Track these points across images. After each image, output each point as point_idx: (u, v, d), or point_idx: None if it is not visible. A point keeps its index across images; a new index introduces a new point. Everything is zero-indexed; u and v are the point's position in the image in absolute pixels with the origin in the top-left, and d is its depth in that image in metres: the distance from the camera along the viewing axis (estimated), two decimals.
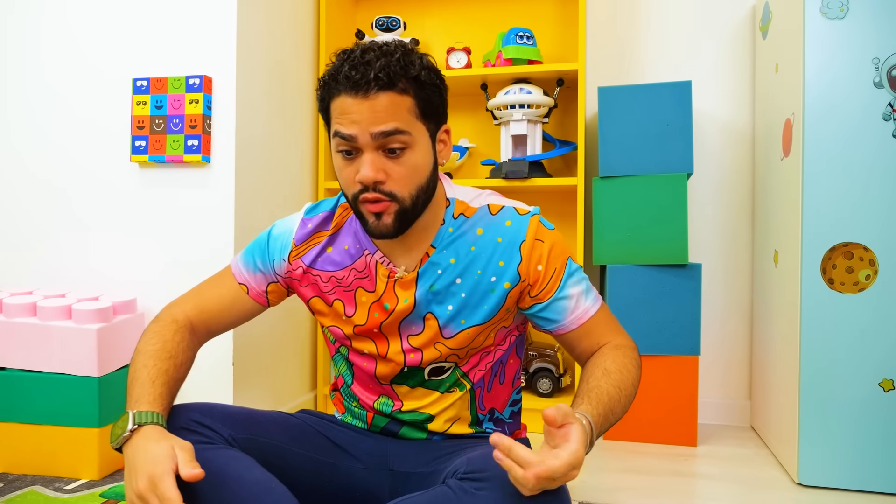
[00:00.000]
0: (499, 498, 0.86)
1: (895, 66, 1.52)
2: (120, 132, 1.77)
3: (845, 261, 1.55)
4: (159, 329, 1.07)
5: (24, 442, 1.60)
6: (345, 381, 1.21)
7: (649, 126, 1.91)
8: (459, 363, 1.12)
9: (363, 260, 1.09)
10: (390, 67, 0.95)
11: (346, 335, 1.12)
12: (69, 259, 1.81)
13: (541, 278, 1.07)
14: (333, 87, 0.97)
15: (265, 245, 1.16)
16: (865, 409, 1.53)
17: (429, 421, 1.13)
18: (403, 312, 1.08)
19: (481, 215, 1.09)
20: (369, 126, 0.95)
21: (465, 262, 1.07)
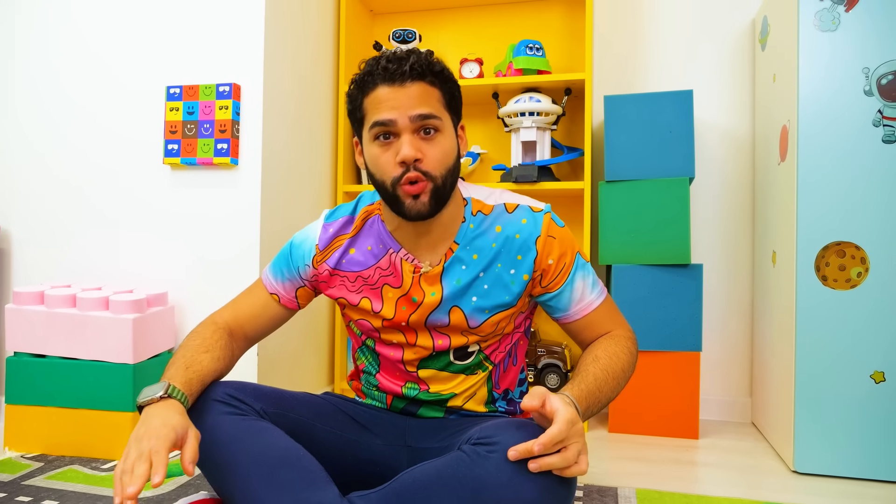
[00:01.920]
0: (508, 462, 0.94)
1: (884, 75, 1.61)
2: (153, 137, 1.89)
3: (838, 259, 1.63)
4: (200, 330, 1.19)
5: (63, 425, 1.70)
6: (369, 371, 1.29)
7: (653, 133, 2.01)
8: (483, 346, 1.22)
9: (387, 258, 1.19)
10: (420, 62, 1.08)
11: (374, 328, 1.22)
12: (103, 256, 1.93)
13: (551, 270, 1.17)
14: (370, 82, 1.09)
15: (288, 255, 1.26)
16: (858, 399, 1.61)
17: (450, 398, 1.23)
18: (431, 306, 1.17)
19: (498, 213, 1.19)
20: (407, 110, 1.06)
21: (488, 258, 1.17)
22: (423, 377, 1.23)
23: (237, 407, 1.10)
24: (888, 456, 1.59)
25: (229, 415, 1.07)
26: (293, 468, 1.04)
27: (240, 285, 1.79)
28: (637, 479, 1.59)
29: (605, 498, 1.44)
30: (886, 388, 1.60)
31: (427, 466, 1.03)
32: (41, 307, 1.73)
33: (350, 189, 2.25)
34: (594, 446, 1.87)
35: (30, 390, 1.72)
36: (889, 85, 1.61)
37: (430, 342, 1.20)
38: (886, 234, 1.60)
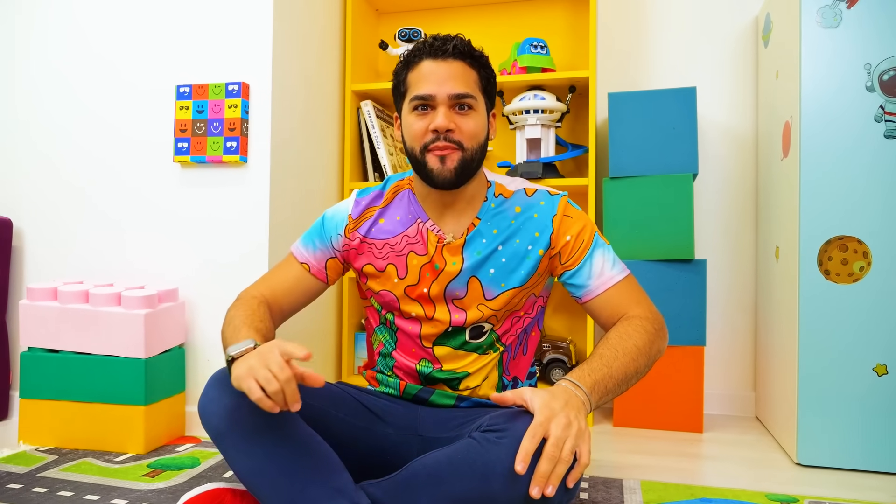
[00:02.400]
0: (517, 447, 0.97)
1: (886, 71, 1.63)
2: (163, 135, 1.91)
3: (840, 253, 1.65)
4: (242, 304, 1.23)
5: (76, 419, 1.73)
6: (386, 350, 1.33)
7: (656, 129, 2.03)
8: (496, 325, 1.26)
9: (415, 227, 1.26)
10: (463, 44, 1.19)
11: (395, 297, 1.27)
12: (113, 253, 1.95)
13: (570, 247, 1.22)
14: (416, 57, 1.21)
15: (321, 227, 1.33)
16: (860, 392, 1.63)
17: (465, 377, 1.26)
18: (451, 274, 1.23)
19: (518, 196, 1.27)
20: (446, 87, 1.16)
21: (506, 233, 1.24)
22: (437, 355, 1.27)
23: None
24: (890, 448, 1.61)
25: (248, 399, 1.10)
26: (311, 455, 1.07)
27: (248, 278, 1.81)
28: (642, 471, 1.61)
29: (610, 489, 1.46)
30: (889, 381, 1.61)
31: (438, 453, 1.05)
32: (54, 303, 1.76)
33: (356, 185, 2.27)
34: (600, 440, 1.89)
35: (43, 385, 1.75)
36: (891, 81, 1.62)
37: (447, 316, 1.25)
38: (888, 228, 1.62)
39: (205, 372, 1.88)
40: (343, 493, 1.04)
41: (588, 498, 1.40)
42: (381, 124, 2.32)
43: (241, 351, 1.03)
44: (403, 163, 2.37)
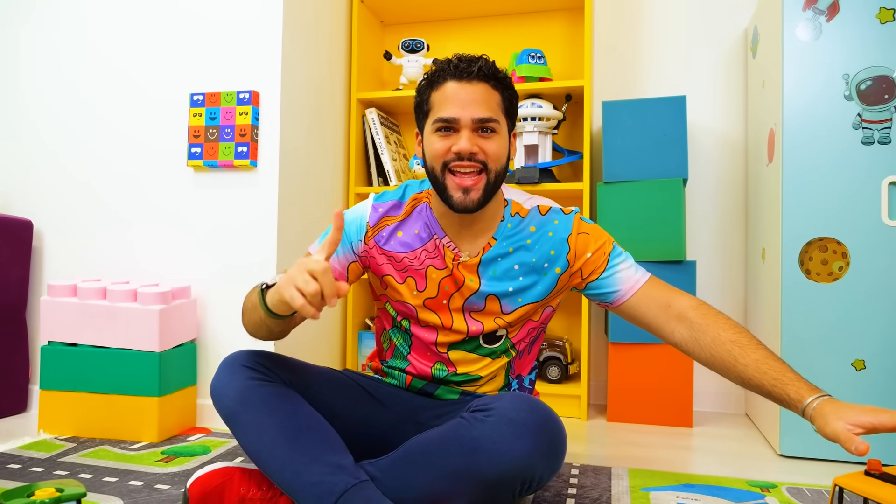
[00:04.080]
0: (502, 423, 1.06)
1: (863, 81, 1.71)
2: (176, 141, 2.02)
3: (821, 254, 1.73)
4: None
5: (94, 409, 1.82)
6: (400, 351, 1.39)
7: (648, 136, 2.12)
8: (510, 333, 1.33)
9: (433, 242, 1.30)
10: (488, 66, 1.21)
11: (414, 308, 1.31)
12: (129, 253, 2.05)
13: (591, 262, 1.28)
14: (440, 77, 1.21)
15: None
16: (839, 386, 1.71)
17: (476, 381, 1.33)
18: (471, 289, 1.28)
19: (533, 215, 1.32)
20: (470, 111, 1.18)
21: (522, 252, 1.29)
22: (452, 359, 1.33)
23: (265, 374, 1.20)
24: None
25: (258, 380, 1.18)
26: (315, 433, 1.15)
27: (257, 277, 1.91)
28: (631, 461, 1.69)
29: (598, 475, 1.54)
30: (866, 376, 1.69)
31: (430, 433, 1.14)
32: (74, 299, 1.86)
33: (361, 190, 2.37)
34: (593, 434, 1.97)
35: (63, 377, 1.84)
36: (868, 90, 1.71)
37: (464, 326, 1.30)
38: (866, 230, 1.70)
39: (215, 366, 1.97)
40: (344, 470, 1.12)
41: (577, 483, 1.48)
42: (385, 131, 2.42)
43: (275, 279, 1.08)
44: (406, 168, 2.47)
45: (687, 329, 1.20)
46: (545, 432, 1.07)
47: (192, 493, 1.17)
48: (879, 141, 1.70)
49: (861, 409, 0.95)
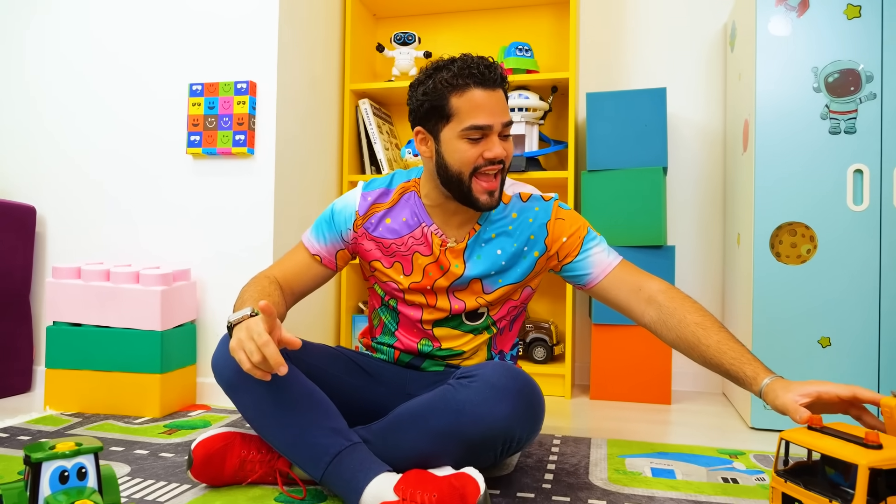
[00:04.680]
0: (485, 388, 1.15)
1: (831, 74, 1.81)
2: (176, 130, 2.09)
3: (790, 237, 1.83)
4: (255, 282, 1.35)
5: (98, 386, 1.90)
6: (388, 327, 1.47)
7: (631, 126, 2.21)
8: (492, 311, 1.41)
9: (420, 230, 1.38)
10: (502, 71, 1.27)
11: (400, 289, 1.40)
12: (130, 238, 2.13)
13: (566, 245, 1.36)
14: (463, 84, 1.24)
15: (330, 219, 1.42)
16: (806, 362, 1.81)
17: (459, 355, 1.42)
18: (456, 274, 1.36)
19: (515, 202, 1.40)
20: (500, 117, 1.25)
21: (504, 238, 1.37)
22: (437, 335, 1.42)
23: None
24: None
25: None
26: (310, 401, 1.24)
27: (255, 261, 1.99)
28: (610, 433, 1.79)
29: (578, 445, 1.64)
30: (831, 352, 1.79)
31: (419, 398, 1.23)
32: (78, 281, 1.93)
33: (354, 178, 2.45)
34: (576, 411, 2.06)
35: (67, 356, 1.92)
36: (835, 82, 1.80)
37: (447, 305, 1.39)
38: (832, 215, 1.79)
39: (214, 346, 2.05)
40: (339, 433, 1.22)
41: (558, 451, 1.58)
42: (378, 121, 2.50)
43: (238, 318, 1.13)
44: (397, 157, 2.55)
45: (656, 311, 1.28)
46: (524, 396, 1.16)
47: (197, 454, 1.26)
48: (845, 131, 1.79)
49: (807, 382, 1.05)
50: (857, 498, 0.88)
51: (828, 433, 0.98)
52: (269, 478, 1.31)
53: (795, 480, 0.98)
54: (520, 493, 1.29)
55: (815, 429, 1.00)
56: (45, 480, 0.94)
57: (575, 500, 1.26)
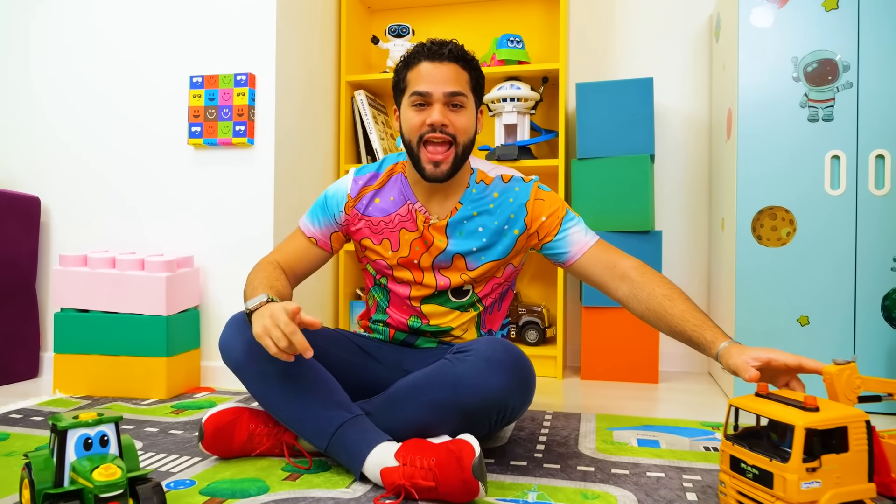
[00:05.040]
0: (480, 362, 1.22)
1: (809, 63, 1.88)
2: (177, 121, 2.15)
3: (771, 221, 1.91)
4: (261, 268, 1.43)
5: (105, 370, 1.97)
6: (381, 305, 1.55)
7: (619, 115, 2.28)
8: (476, 288, 1.48)
9: (406, 207, 1.45)
10: (457, 48, 1.36)
11: (389, 266, 1.47)
12: (133, 226, 2.19)
13: (546, 225, 1.43)
14: (415, 59, 1.37)
15: (324, 204, 1.51)
16: (786, 340, 1.89)
17: (448, 332, 1.49)
18: (439, 249, 1.43)
19: (497, 183, 1.46)
20: (441, 86, 1.33)
21: (486, 216, 1.44)
22: (425, 312, 1.49)
23: None
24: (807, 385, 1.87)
25: None
26: (314, 377, 1.31)
27: (256, 248, 2.06)
28: (599, 409, 1.87)
29: (569, 419, 1.72)
30: (810, 331, 1.88)
31: (417, 373, 1.31)
32: (85, 269, 2.00)
33: (350, 167, 2.51)
34: (567, 390, 2.14)
35: (75, 341, 1.99)
36: (814, 72, 1.88)
37: (433, 281, 1.46)
38: (810, 198, 1.87)
39: (217, 331, 2.12)
40: (342, 406, 1.29)
41: (549, 425, 1.66)
42: (373, 112, 2.56)
43: (255, 304, 1.23)
44: (393, 147, 2.61)
45: (628, 287, 1.35)
46: (516, 369, 1.23)
47: (207, 426, 1.33)
48: (823, 118, 1.87)
49: (760, 349, 1.13)
50: (793, 456, 0.95)
51: (773, 399, 1.05)
52: (276, 450, 1.38)
53: (742, 443, 1.04)
54: (513, 462, 1.37)
55: (762, 395, 1.07)
56: (71, 447, 1.00)
57: (565, 468, 1.34)
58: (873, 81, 1.84)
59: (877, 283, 1.84)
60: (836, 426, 0.97)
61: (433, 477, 1.13)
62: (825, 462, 0.96)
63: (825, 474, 0.97)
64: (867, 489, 0.99)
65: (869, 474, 0.99)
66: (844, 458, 0.98)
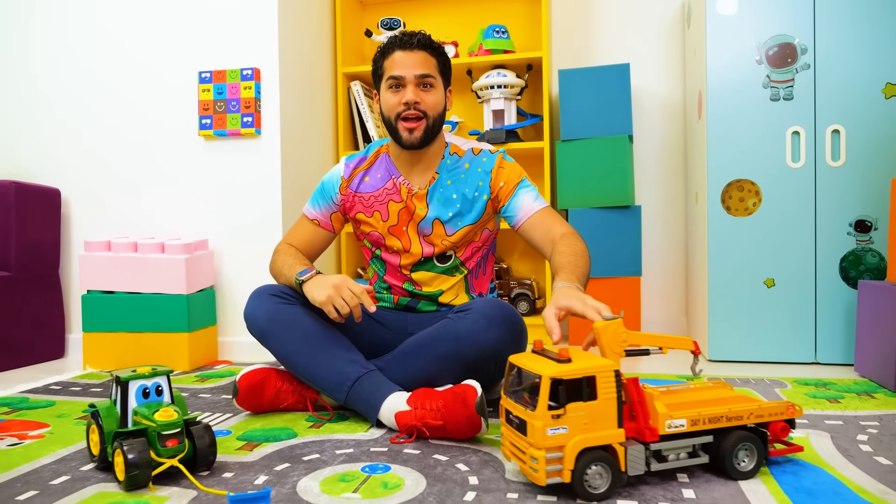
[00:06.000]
0: (479, 318, 1.40)
1: (771, 47, 2.06)
2: (188, 114, 2.30)
3: (738, 192, 2.09)
4: (284, 251, 1.64)
5: (131, 346, 2.13)
6: (379, 275, 1.74)
7: (598, 99, 2.45)
8: (458, 252, 1.66)
9: (392, 182, 1.64)
10: (425, 38, 1.55)
11: (381, 235, 1.65)
12: (148, 215, 2.35)
13: (503, 190, 1.60)
14: (389, 48, 1.57)
15: (321, 189, 1.70)
16: (753, 301, 2.08)
17: (440, 295, 1.67)
18: (420, 216, 1.62)
19: (468, 155, 1.64)
20: (413, 70, 1.52)
21: (459, 184, 1.62)
22: (416, 279, 1.67)
23: (288, 299, 1.53)
24: (773, 342, 2.07)
25: (283, 304, 1.51)
26: (331, 338, 1.49)
27: (265, 230, 2.22)
28: None
29: None
30: (775, 292, 2.07)
31: (424, 331, 1.49)
32: (108, 253, 2.15)
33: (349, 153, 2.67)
34: None
35: (102, 320, 2.15)
36: (775, 55, 2.06)
37: (419, 249, 1.64)
38: (773, 171, 2.06)
39: (232, 308, 2.29)
40: (357, 363, 1.47)
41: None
42: (369, 101, 2.72)
43: (308, 275, 1.48)
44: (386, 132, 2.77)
45: (551, 249, 1.50)
46: (510, 323, 1.41)
47: (241, 383, 1.51)
48: (784, 98, 2.05)
49: (568, 297, 1.18)
50: (539, 404, 0.99)
51: (541, 354, 1.09)
52: (300, 405, 1.56)
53: (510, 396, 1.09)
54: None
55: (536, 351, 1.11)
56: (132, 396, 1.17)
57: None
58: (828, 63, 2.02)
59: (835, 246, 2.03)
60: (582, 376, 1.00)
61: (441, 416, 1.31)
62: (571, 409, 0.99)
63: (571, 421, 0.99)
64: (615, 434, 1.01)
65: (618, 420, 1.02)
66: (592, 406, 1.00)
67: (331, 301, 1.41)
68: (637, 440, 1.06)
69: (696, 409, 1.09)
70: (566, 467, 0.99)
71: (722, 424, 1.08)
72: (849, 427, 1.38)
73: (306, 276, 1.49)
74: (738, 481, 1.09)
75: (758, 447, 1.10)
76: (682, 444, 1.07)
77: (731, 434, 1.09)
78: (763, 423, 1.13)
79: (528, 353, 1.12)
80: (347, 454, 1.26)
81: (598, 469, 1.01)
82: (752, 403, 1.12)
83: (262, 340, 1.53)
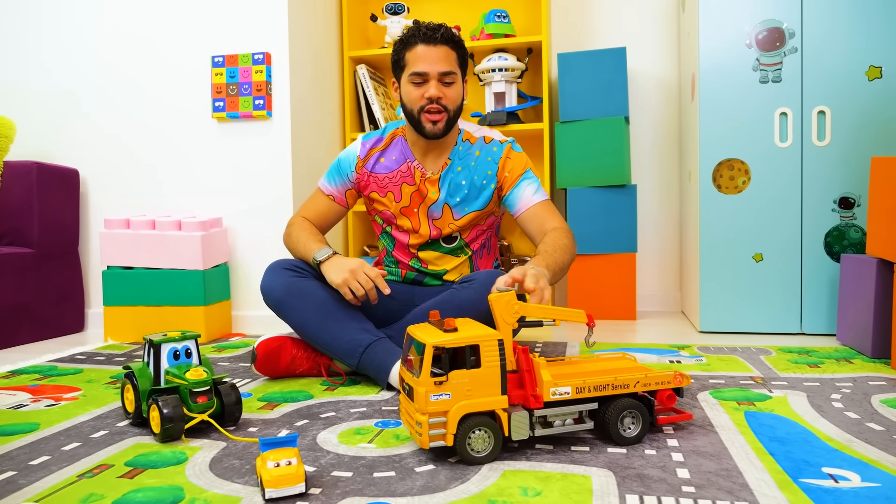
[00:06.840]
0: (481, 288, 1.51)
1: (760, 31, 2.14)
2: (202, 97, 2.39)
3: (729, 171, 2.19)
4: (299, 225, 1.73)
5: (150, 319, 2.24)
6: (388, 251, 1.84)
7: (596, 82, 2.54)
8: (463, 234, 1.76)
9: (406, 165, 1.73)
10: (448, 32, 1.62)
11: (393, 214, 1.75)
12: (164, 194, 2.45)
13: (508, 179, 1.70)
14: (412, 40, 1.62)
15: (337, 166, 1.79)
16: (743, 275, 2.19)
17: (445, 273, 1.77)
18: (431, 200, 1.71)
19: (480, 143, 1.74)
20: (437, 66, 1.59)
21: (469, 171, 1.71)
22: (422, 257, 1.77)
23: (301, 273, 1.64)
24: (761, 314, 2.18)
25: (298, 276, 1.62)
26: (343, 308, 1.59)
27: (277, 209, 2.32)
28: (583, 339, 2.16)
29: (557, 346, 2.01)
30: (763, 266, 2.17)
31: (430, 301, 1.59)
32: (128, 230, 2.26)
33: (355, 135, 2.77)
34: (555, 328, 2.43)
35: (122, 295, 2.26)
36: (763, 38, 2.14)
37: (427, 231, 1.74)
38: (762, 151, 2.15)
39: (246, 284, 2.39)
40: (368, 331, 1.57)
41: (540, 350, 1.95)
42: (374, 84, 2.80)
43: (325, 256, 1.58)
44: (393, 116, 2.86)
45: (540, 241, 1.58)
46: None
47: (259, 350, 1.62)
48: (773, 80, 2.14)
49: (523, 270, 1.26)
50: (423, 372, 1.03)
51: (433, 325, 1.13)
52: (314, 371, 1.67)
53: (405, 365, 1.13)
54: None
55: (431, 322, 1.15)
56: (164, 357, 1.28)
57: None
58: (815, 47, 2.11)
59: (820, 222, 2.13)
60: (465, 345, 1.03)
61: None
62: (453, 377, 1.03)
63: (454, 387, 1.03)
64: (498, 401, 1.05)
65: (502, 388, 1.06)
66: (476, 374, 1.04)
67: (347, 284, 1.51)
68: (524, 407, 1.10)
69: (581, 378, 1.13)
70: (449, 431, 1.03)
71: (608, 392, 1.13)
72: (824, 388, 1.49)
73: (324, 257, 1.58)
74: (709, 433, 1.19)
75: (643, 414, 1.14)
76: (567, 411, 1.11)
77: (617, 402, 1.13)
78: (651, 392, 1.18)
79: (424, 324, 1.16)
80: (361, 412, 1.37)
81: (480, 434, 1.05)
82: (639, 373, 1.17)
83: (277, 311, 1.63)
